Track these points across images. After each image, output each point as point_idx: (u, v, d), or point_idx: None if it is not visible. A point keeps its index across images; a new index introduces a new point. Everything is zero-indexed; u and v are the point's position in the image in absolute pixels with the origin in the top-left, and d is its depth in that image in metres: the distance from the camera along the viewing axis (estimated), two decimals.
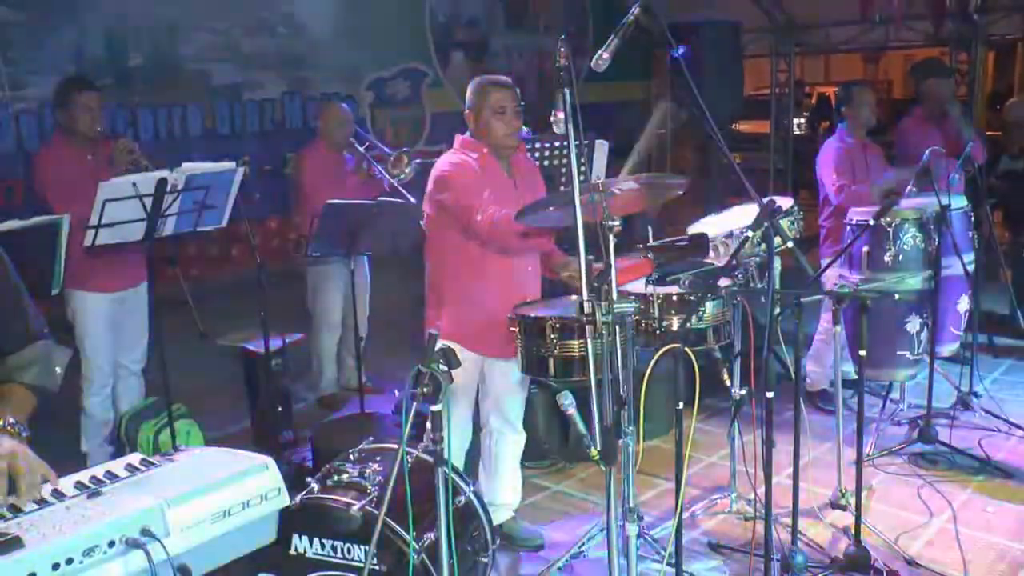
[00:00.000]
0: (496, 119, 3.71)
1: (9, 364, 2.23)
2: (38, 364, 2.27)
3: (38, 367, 2.26)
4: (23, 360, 2.25)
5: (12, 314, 2.25)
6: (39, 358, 2.27)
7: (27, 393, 2.22)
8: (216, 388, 5.90)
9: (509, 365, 3.71)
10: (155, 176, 4.13)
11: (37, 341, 2.29)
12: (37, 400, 2.25)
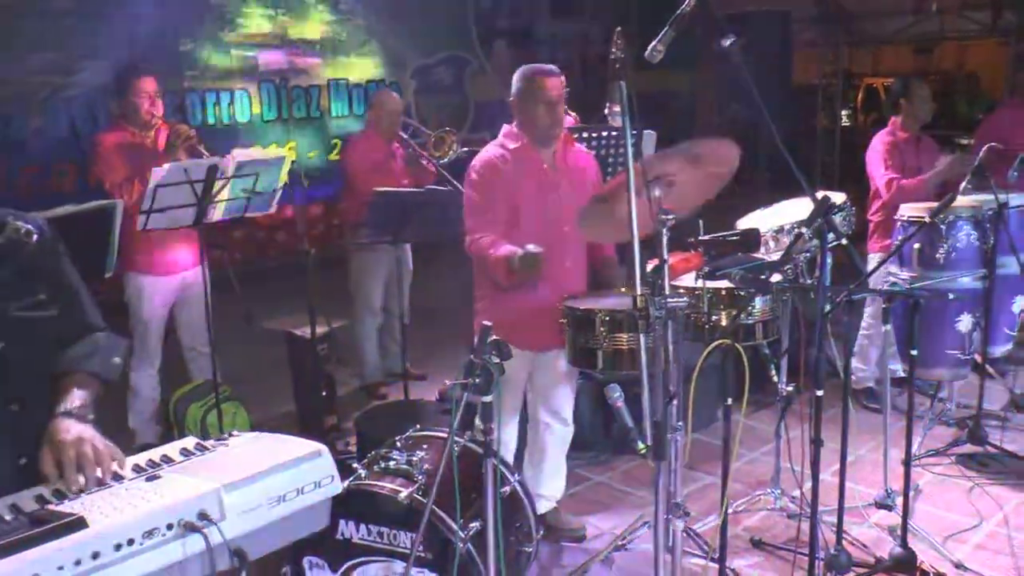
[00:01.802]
0: (541, 108, 3.71)
1: (69, 355, 2.26)
2: (97, 354, 2.29)
3: (97, 357, 2.29)
4: (83, 351, 2.28)
5: (71, 306, 2.28)
6: (98, 349, 2.30)
7: (90, 378, 2.24)
8: (261, 371, 5.96)
9: (557, 357, 3.71)
10: (206, 163, 4.19)
11: (95, 332, 2.33)
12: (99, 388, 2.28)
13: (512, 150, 3.77)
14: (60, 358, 2.26)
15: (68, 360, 2.26)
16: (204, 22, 8.48)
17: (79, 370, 2.25)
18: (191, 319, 5.07)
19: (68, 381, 2.21)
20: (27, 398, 2.16)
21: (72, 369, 2.25)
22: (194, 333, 5.09)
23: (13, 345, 2.11)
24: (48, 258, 2.20)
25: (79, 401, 2.15)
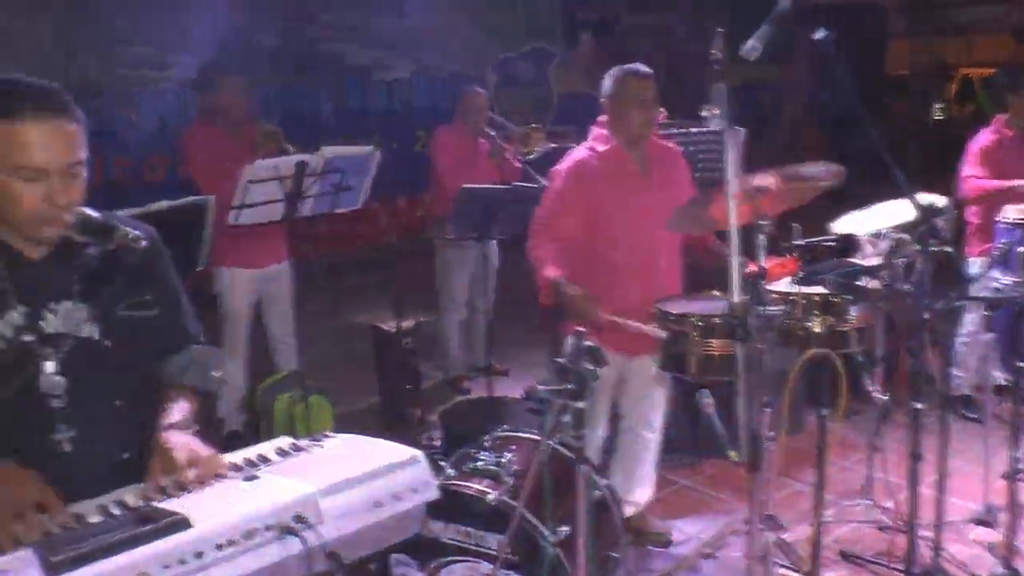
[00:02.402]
0: (633, 109, 3.68)
1: (170, 368, 2.33)
2: (196, 367, 2.36)
3: (196, 370, 2.36)
4: (182, 362, 2.35)
5: (174, 315, 2.34)
6: (198, 362, 2.37)
7: (189, 392, 2.32)
8: (346, 363, 6.03)
9: (647, 362, 3.67)
10: (295, 159, 4.24)
11: (195, 344, 2.39)
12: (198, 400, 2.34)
13: (601, 152, 3.75)
14: (162, 370, 2.33)
15: (169, 373, 2.33)
16: (287, 17, 8.58)
17: (179, 384, 2.33)
18: (278, 311, 5.15)
19: (170, 395, 2.28)
20: (130, 395, 2.22)
21: (173, 383, 2.32)
22: (280, 324, 5.17)
23: (118, 343, 2.18)
24: (153, 263, 2.25)
25: (181, 415, 2.22)
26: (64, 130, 1.99)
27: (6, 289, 2.07)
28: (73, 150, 2.01)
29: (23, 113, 1.94)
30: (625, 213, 3.70)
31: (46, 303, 2.11)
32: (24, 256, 2.11)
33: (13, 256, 2.09)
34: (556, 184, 3.76)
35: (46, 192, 1.97)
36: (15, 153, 1.94)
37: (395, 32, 9.27)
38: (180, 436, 2.14)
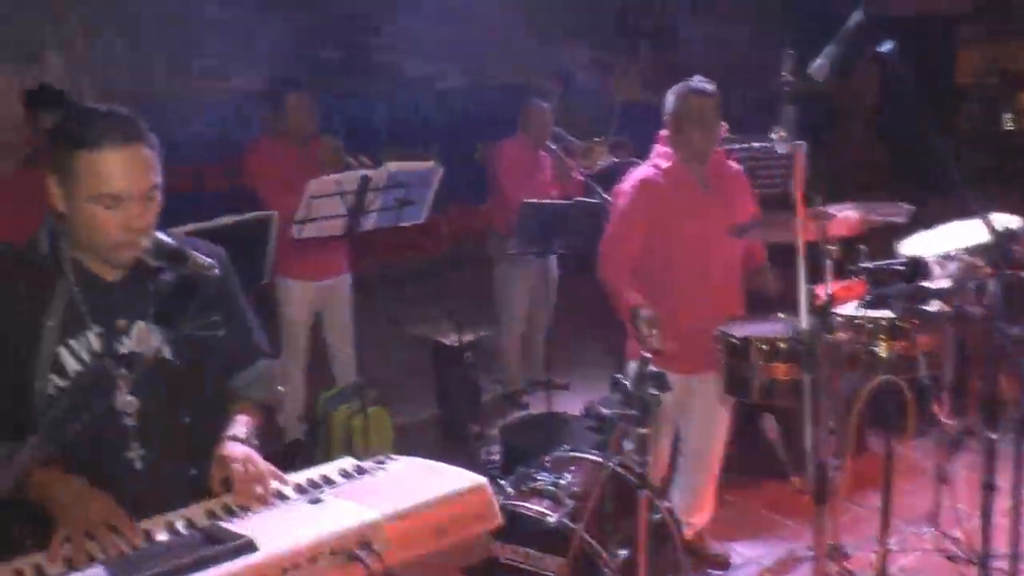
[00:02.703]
0: (695, 127, 3.67)
1: (237, 381, 2.39)
2: (262, 382, 2.42)
3: (262, 385, 2.42)
4: (249, 377, 2.40)
5: (241, 333, 2.39)
6: (263, 377, 2.43)
7: (253, 410, 2.36)
8: (404, 374, 6.06)
9: (710, 382, 3.63)
10: (359, 174, 4.28)
11: (261, 360, 2.45)
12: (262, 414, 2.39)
13: (665, 169, 3.74)
14: (228, 384, 2.38)
15: (235, 388, 2.39)
16: (346, 28, 8.66)
17: (245, 397, 2.38)
18: (337, 322, 5.20)
19: (235, 408, 2.34)
20: (199, 412, 2.26)
21: (239, 396, 2.38)
22: (340, 335, 5.22)
23: (188, 363, 2.22)
24: (223, 285, 2.29)
25: (244, 427, 2.27)
26: (141, 157, 2.05)
27: (83, 311, 2.12)
28: (149, 176, 2.07)
29: (102, 142, 1.99)
30: (686, 231, 3.68)
31: (120, 323, 2.16)
32: (101, 278, 2.16)
33: (90, 278, 2.15)
34: (621, 203, 3.76)
35: (125, 217, 2.02)
36: (96, 181, 2.00)
37: (453, 42, 9.28)
38: (240, 449, 2.18)
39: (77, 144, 1.99)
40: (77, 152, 1.99)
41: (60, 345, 2.10)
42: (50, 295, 2.10)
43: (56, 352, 2.10)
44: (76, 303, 2.12)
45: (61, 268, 2.12)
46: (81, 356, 2.12)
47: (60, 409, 2.09)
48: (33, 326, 2.08)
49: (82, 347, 2.12)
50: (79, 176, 2.00)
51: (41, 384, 2.09)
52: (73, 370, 2.11)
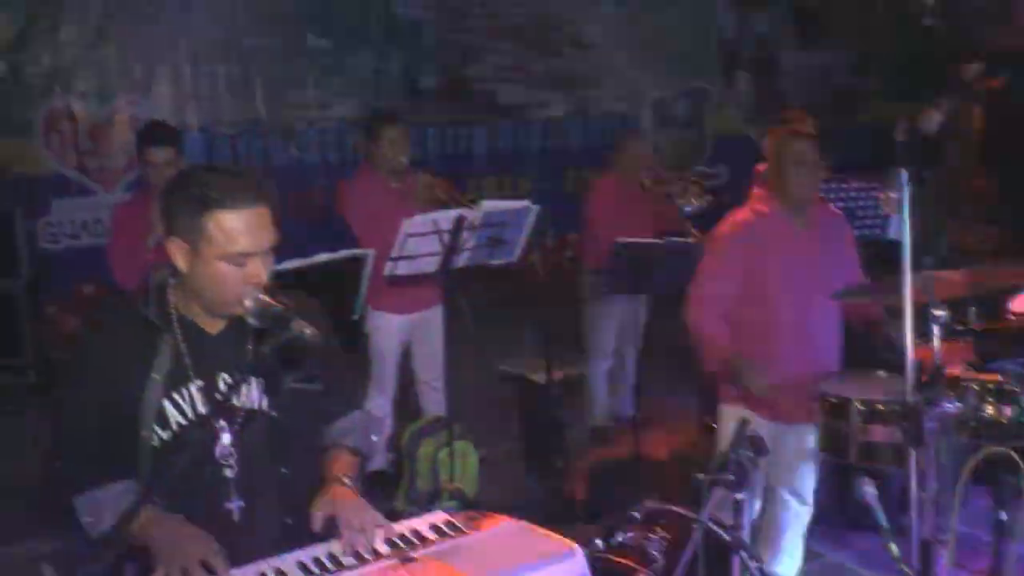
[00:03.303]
0: (795, 171, 3.58)
1: (333, 431, 2.43)
2: (357, 432, 2.46)
3: (358, 434, 2.46)
4: (345, 427, 2.45)
5: (338, 384, 2.43)
6: (358, 427, 2.47)
7: (351, 456, 2.40)
8: (489, 406, 6.06)
9: (804, 432, 3.55)
10: (454, 214, 4.31)
11: (356, 410, 2.51)
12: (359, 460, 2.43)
13: (763, 214, 3.66)
14: (325, 433, 2.42)
15: (333, 436, 2.43)
16: (440, 59, 8.77)
17: (342, 445, 2.41)
18: (426, 354, 5.22)
19: (335, 454, 2.38)
20: (296, 464, 2.30)
21: (336, 443, 2.42)
22: (428, 368, 5.25)
23: (286, 414, 2.26)
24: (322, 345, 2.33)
25: (348, 472, 2.31)
26: (267, 216, 2.13)
27: (187, 365, 2.18)
28: (271, 232, 2.14)
29: (235, 204, 2.07)
30: (785, 278, 3.60)
31: (221, 376, 2.22)
32: (204, 332, 2.22)
33: (194, 332, 2.21)
34: (717, 247, 3.70)
35: (248, 273, 2.09)
36: (228, 241, 2.06)
37: (551, 71, 9.34)
38: (347, 492, 2.24)
39: (209, 206, 2.06)
40: (209, 214, 2.06)
41: (164, 398, 2.17)
42: (156, 349, 2.18)
43: (161, 404, 2.17)
44: (180, 357, 2.19)
45: (168, 323, 2.18)
46: (184, 409, 2.19)
47: (162, 459, 2.16)
48: (141, 379, 2.16)
49: (185, 400, 2.19)
50: (210, 237, 2.07)
51: (146, 434, 2.16)
52: (176, 422, 2.18)
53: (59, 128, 7.26)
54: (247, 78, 7.87)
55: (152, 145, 4.23)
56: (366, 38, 8.32)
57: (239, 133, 7.89)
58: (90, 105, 7.33)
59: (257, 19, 7.82)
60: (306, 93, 8.13)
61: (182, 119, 7.61)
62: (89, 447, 2.20)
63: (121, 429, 2.17)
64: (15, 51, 7.05)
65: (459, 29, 8.75)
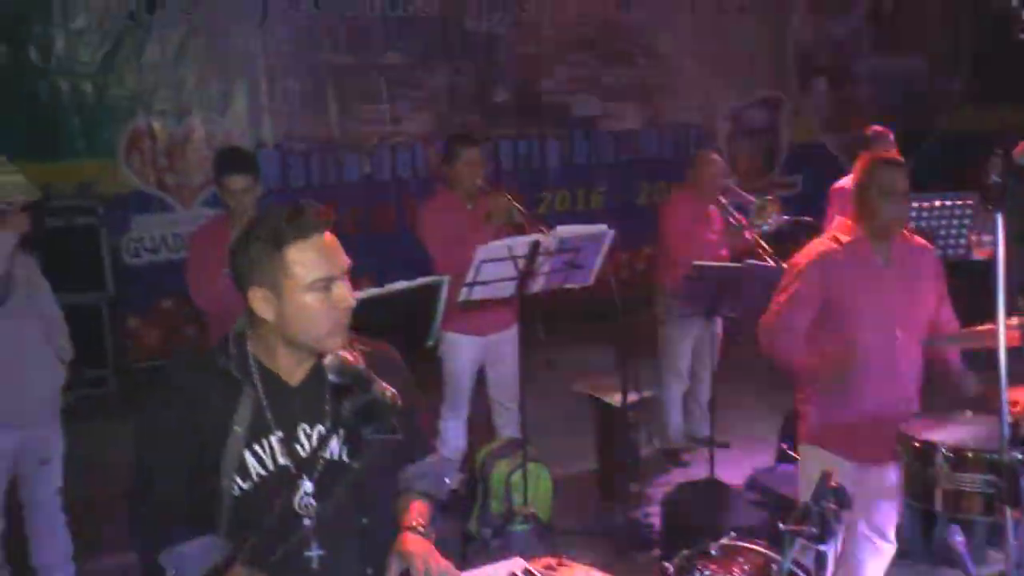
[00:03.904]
0: (883, 201, 3.45)
1: (408, 473, 2.44)
2: (430, 476, 2.47)
3: (431, 478, 2.47)
4: (419, 471, 2.46)
5: (414, 429, 2.41)
6: (431, 471, 2.48)
7: (424, 502, 2.40)
8: (563, 427, 6.04)
9: (886, 470, 3.45)
10: (530, 240, 4.30)
11: (430, 455, 2.52)
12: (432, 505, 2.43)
13: (845, 244, 3.55)
14: (399, 477, 2.43)
15: (406, 480, 2.44)
16: (517, 70, 8.76)
17: (415, 489, 2.42)
18: (500, 376, 5.23)
19: (408, 499, 2.39)
20: (375, 513, 2.30)
21: (410, 488, 2.43)
22: (502, 389, 5.25)
23: (365, 464, 2.26)
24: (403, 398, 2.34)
25: (421, 518, 2.31)
26: (332, 239, 2.15)
27: (267, 417, 2.20)
28: (343, 255, 2.17)
29: (308, 233, 2.10)
30: (866, 311, 3.49)
31: (301, 427, 2.23)
32: (285, 383, 2.23)
33: (275, 384, 2.22)
34: (796, 278, 3.60)
35: (334, 298, 2.12)
36: (309, 270, 2.10)
37: (625, 83, 9.28)
38: (420, 541, 2.24)
39: (281, 244, 2.09)
40: (283, 251, 2.09)
41: (245, 449, 2.19)
42: (237, 401, 2.19)
43: (241, 455, 2.18)
44: (261, 409, 2.20)
45: (248, 375, 2.20)
46: (264, 460, 2.20)
47: (243, 509, 2.18)
48: (223, 430, 2.18)
49: (265, 451, 2.20)
50: (291, 272, 2.09)
51: (227, 485, 2.18)
52: (256, 473, 2.19)
53: (140, 147, 7.44)
54: (321, 94, 7.97)
55: (230, 172, 4.28)
56: (440, 53, 8.36)
57: (312, 150, 7.98)
58: (168, 123, 7.49)
59: (332, 36, 7.90)
60: (380, 108, 8.19)
61: (257, 136, 7.74)
62: (171, 496, 2.22)
63: (203, 479, 2.19)
64: (101, 74, 7.23)
65: (532, 42, 8.73)
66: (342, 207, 8.04)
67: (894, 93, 10.92)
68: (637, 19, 9.21)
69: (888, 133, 5.90)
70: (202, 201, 7.60)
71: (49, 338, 4.15)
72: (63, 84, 7.15)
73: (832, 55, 10.52)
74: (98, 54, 7.20)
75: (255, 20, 7.62)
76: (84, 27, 7.13)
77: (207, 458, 2.18)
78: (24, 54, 7.01)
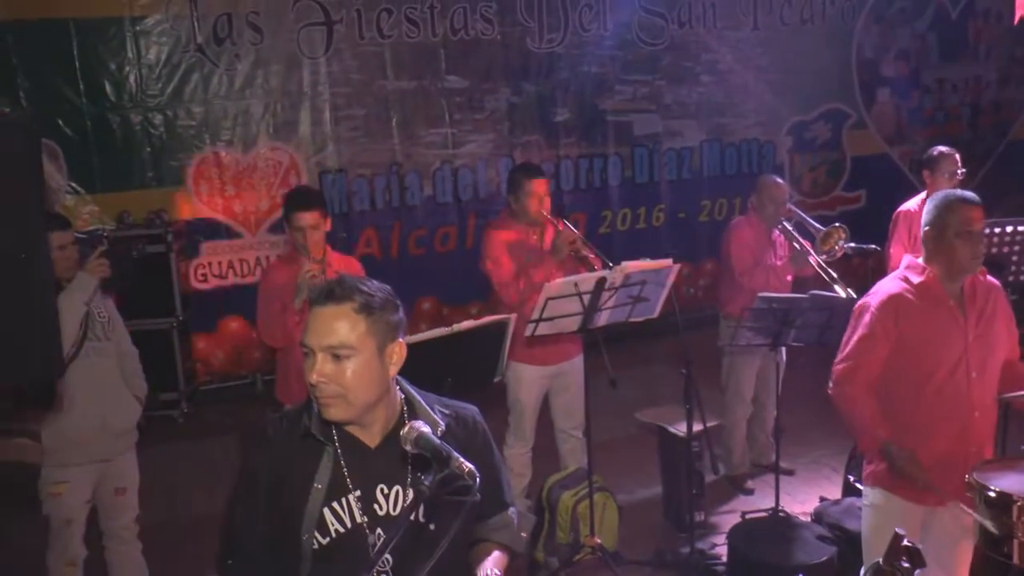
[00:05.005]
0: (960, 241, 3.36)
1: (487, 525, 2.50)
2: (508, 528, 2.53)
3: (508, 531, 2.53)
4: (496, 524, 2.52)
5: (492, 486, 2.46)
6: (509, 523, 2.54)
7: (501, 552, 2.47)
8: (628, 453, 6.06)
9: (956, 512, 3.39)
10: (595, 276, 4.32)
11: (507, 508, 2.55)
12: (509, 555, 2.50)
13: (916, 285, 3.48)
14: (477, 528, 2.48)
15: (484, 530, 2.50)
16: (582, 91, 8.79)
17: (493, 540, 2.49)
18: (566, 405, 5.24)
19: (484, 548, 2.47)
20: (450, 570, 2.33)
21: (487, 538, 2.49)
22: (568, 418, 5.27)
23: (440, 524, 2.30)
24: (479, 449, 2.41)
25: (498, 567, 2.38)
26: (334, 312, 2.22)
27: (346, 476, 2.26)
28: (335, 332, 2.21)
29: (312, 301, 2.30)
30: (937, 354, 3.42)
31: (379, 487, 2.29)
32: (363, 444, 2.29)
33: (354, 445, 2.30)
34: (866, 319, 3.53)
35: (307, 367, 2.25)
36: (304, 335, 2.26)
37: (687, 100, 9.24)
38: None
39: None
40: None
41: (325, 506, 2.26)
42: (319, 461, 2.27)
43: (321, 512, 2.25)
44: (340, 469, 2.27)
45: (329, 437, 2.27)
46: (342, 518, 2.27)
47: (322, 564, 2.25)
48: (305, 487, 2.26)
49: (343, 509, 2.27)
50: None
51: (307, 540, 2.25)
52: (334, 529, 2.26)
53: (207, 175, 7.61)
54: (385, 119, 8.08)
55: (299, 209, 4.35)
56: (500, 75, 8.42)
57: (376, 174, 8.09)
58: (234, 151, 7.65)
59: (396, 61, 8.01)
60: (442, 132, 8.28)
61: (322, 161, 7.87)
62: (255, 550, 2.31)
63: (285, 533, 2.27)
64: (171, 106, 7.42)
65: (592, 61, 8.75)
66: (406, 228, 8.17)
67: (961, 103, 10.73)
68: (698, 35, 9.17)
69: (954, 153, 5.80)
70: (268, 228, 7.75)
71: (125, 375, 4.27)
72: (134, 116, 7.35)
73: (897, 65, 10.36)
74: (168, 87, 7.39)
75: (319, 50, 7.75)
76: (154, 62, 7.33)
77: (289, 514, 2.25)
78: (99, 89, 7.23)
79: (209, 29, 7.40)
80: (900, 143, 10.27)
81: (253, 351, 7.73)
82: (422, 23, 8.05)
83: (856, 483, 4.72)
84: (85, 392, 3.99)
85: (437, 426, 2.27)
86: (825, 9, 9.72)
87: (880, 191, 9.60)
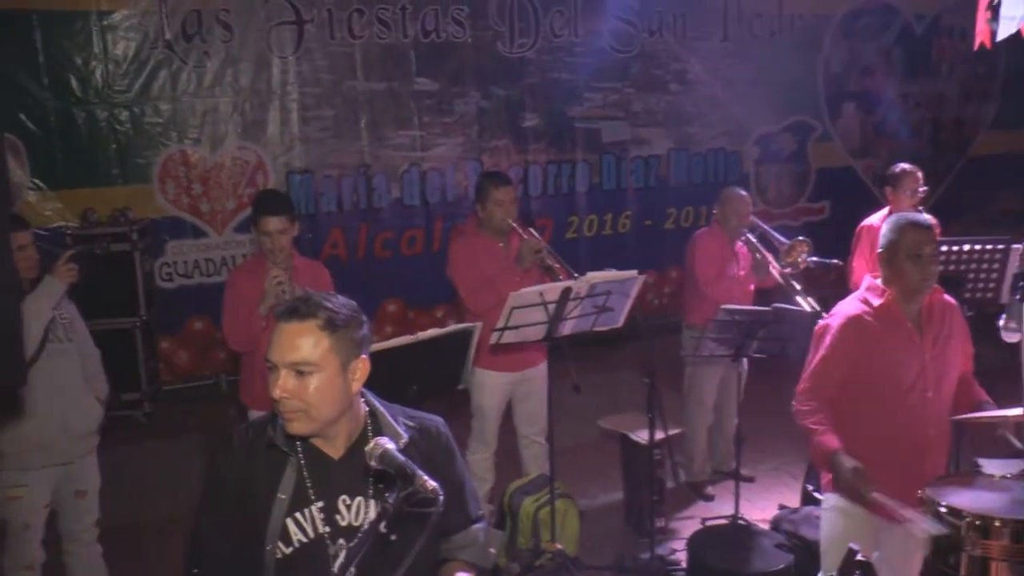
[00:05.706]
0: (910, 263, 3.45)
1: (452, 543, 2.50)
2: (475, 545, 2.53)
3: (475, 548, 2.53)
4: (463, 541, 2.51)
5: (458, 500, 2.48)
6: (475, 540, 2.53)
7: (467, 570, 2.47)
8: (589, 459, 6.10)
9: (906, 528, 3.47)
10: (560, 287, 4.35)
11: (473, 525, 2.55)
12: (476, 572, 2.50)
13: (876, 307, 3.55)
14: (442, 545, 2.48)
15: (450, 549, 2.50)
16: (551, 97, 8.83)
17: (459, 559, 2.49)
18: (529, 411, 5.26)
19: (450, 568, 2.47)
20: None
21: (453, 557, 2.49)
22: (530, 424, 5.29)
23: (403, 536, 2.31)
24: (443, 463, 2.43)
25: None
26: (298, 329, 2.25)
27: (309, 487, 2.28)
28: (298, 349, 2.24)
29: (277, 317, 2.31)
30: (895, 374, 3.50)
31: (341, 498, 2.31)
32: (326, 456, 2.31)
33: (317, 457, 2.31)
34: (827, 341, 3.60)
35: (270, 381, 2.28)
36: (268, 351, 2.31)
37: (656, 109, 9.32)
38: None
39: None
40: None
41: (288, 516, 2.28)
42: (282, 471, 2.29)
43: (284, 523, 2.27)
44: (303, 480, 2.29)
45: (293, 448, 2.28)
46: (305, 528, 2.29)
47: (283, 574, 2.26)
48: (269, 497, 2.28)
49: (306, 520, 2.29)
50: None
51: (271, 549, 2.26)
52: (297, 540, 2.29)
53: (174, 173, 7.57)
54: (354, 120, 8.08)
55: (267, 213, 4.34)
56: (471, 79, 8.45)
57: (343, 175, 8.09)
58: (202, 150, 7.61)
59: (366, 62, 8.01)
60: (411, 134, 8.29)
61: (289, 162, 7.85)
62: (221, 559, 2.33)
63: (249, 543, 2.28)
64: (138, 103, 7.38)
65: (562, 67, 8.81)
66: (373, 230, 8.17)
67: (923, 118, 10.90)
68: (668, 45, 9.26)
69: (916, 171, 5.89)
70: (234, 227, 7.72)
71: (87, 377, 4.24)
72: (100, 112, 7.30)
73: (863, 80, 10.51)
74: (135, 83, 7.34)
75: (289, 49, 7.73)
76: (121, 57, 7.28)
77: (253, 524, 2.27)
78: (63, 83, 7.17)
79: (178, 25, 7.38)
80: (864, 156, 10.43)
81: (218, 351, 7.69)
82: (393, 24, 8.07)
83: (815, 493, 4.79)
84: (46, 395, 3.94)
85: (400, 438, 2.29)
86: (794, 23, 9.86)
87: (844, 203, 9.75)
